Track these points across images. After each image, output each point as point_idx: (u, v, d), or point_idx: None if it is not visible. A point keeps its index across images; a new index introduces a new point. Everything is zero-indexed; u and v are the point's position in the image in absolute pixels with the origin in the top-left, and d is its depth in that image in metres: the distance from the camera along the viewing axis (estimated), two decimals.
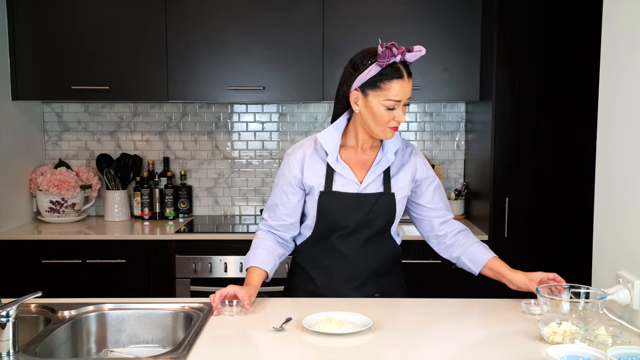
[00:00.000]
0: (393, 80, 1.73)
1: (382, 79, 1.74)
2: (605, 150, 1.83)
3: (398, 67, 1.74)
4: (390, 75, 1.73)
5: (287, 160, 1.93)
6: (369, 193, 1.87)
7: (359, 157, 1.90)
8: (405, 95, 1.77)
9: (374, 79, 1.75)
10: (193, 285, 3.04)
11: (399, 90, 1.74)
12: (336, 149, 1.87)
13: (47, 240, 3.05)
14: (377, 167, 1.88)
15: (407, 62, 1.78)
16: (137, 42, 3.20)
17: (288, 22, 3.18)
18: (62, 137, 3.63)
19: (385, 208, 1.87)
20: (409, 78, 1.76)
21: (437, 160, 3.63)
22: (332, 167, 1.87)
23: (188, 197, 3.57)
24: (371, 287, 1.93)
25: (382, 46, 1.71)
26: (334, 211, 1.86)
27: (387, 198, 1.87)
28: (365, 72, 1.75)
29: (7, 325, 1.42)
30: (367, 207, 1.86)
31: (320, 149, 1.89)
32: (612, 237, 1.77)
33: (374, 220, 1.87)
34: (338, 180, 1.87)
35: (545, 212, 3.01)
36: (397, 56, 1.73)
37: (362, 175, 1.89)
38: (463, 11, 3.17)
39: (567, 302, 1.59)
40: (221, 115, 3.63)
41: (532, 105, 2.98)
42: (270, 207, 1.96)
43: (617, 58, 1.76)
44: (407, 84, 1.76)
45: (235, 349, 1.51)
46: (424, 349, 1.51)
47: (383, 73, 1.74)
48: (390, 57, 1.72)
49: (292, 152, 1.94)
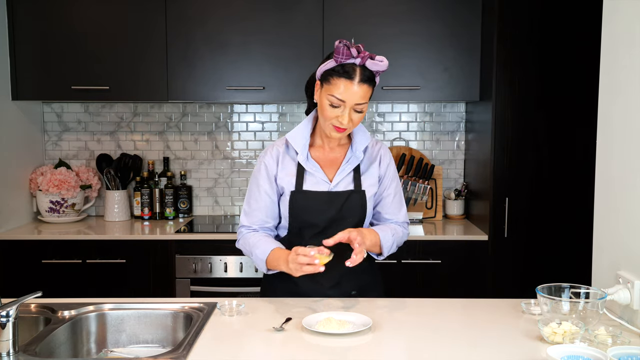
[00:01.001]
0: (341, 79, 1.73)
1: (332, 74, 1.75)
2: (605, 150, 1.83)
3: (353, 69, 1.73)
4: (340, 73, 1.73)
5: (262, 161, 1.92)
6: (340, 191, 1.88)
7: (327, 156, 1.92)
8: (352, 99, 1.74)
9: (327, 73, 1.76)
10: (193, 285, 3.03)
11: (344, 90, 1.73)
12: (305, 147, 1.88)
13: (47, 240, 3.05)
14: (346, 166, 1.90)
15: (369, 69, 1.75)
16: (137, 42, 3.20)
17: (288, 22, 3.18)
18: (62, 137, 3.63)
19: (356, 206, 1.89)
20: (362, 83, 1.73)
21: (437, 160, 3.63)
22: (302, 165, 1.88)
23: (188, 197, 3.57)
24: (348, 285, 1.94)
25: (340, 42, 1.72)
26: (305, 210, 1.87)
27: (357, 195, 1.89)
28: (325, 64, 1.77)
29: (7, 325, 1.43)
30: (338, 205, 1.87)
31: (291, 148, 1.91)
32: (612, 237, 1.77)
33: (345, 218, 1.88)
34: (308, 179, 1.89)
35: (545, 212, 3.01)
36: (357, 59, 1.73)
37: (332, 174, 1.90)
38: (463, 11, 3.17)
39: (567, 302, 1.58)
40: (221, 115, 3.63)
41: (532, 105, 2.98)
42: (250, 213, 1.93)
43: (617, 58, 1.76)
44: (358, 88, 1.73)
45: (235, 349, 1.51)
46: (424, 349, 1.51)
47: (336, 69, 1.74)
48: (347, 55, 1.72)
49: (265, 154, 1.94)
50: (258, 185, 1.92)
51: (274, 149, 1.93)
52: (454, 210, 3.51)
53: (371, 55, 1.73)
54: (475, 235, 3.07)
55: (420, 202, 3.46)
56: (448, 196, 3.54)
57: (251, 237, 1.91)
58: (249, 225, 1.94)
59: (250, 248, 1.90)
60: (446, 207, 3.55)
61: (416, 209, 3.47)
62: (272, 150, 1.93)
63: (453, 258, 3.03)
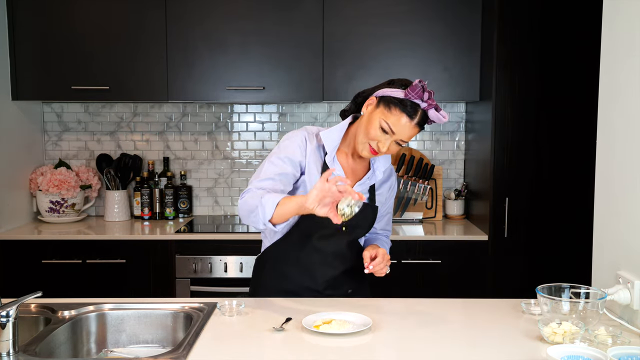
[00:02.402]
0: (403, 114, 1.75)
1: (397, 104, 1.75)
2: (605, 150, 1.83)
3: (416, 109, 1.75)
4: (404, 108, 1.75)
5: (293, 140, 1.85)
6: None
7: (349, 164, 1.93)
8: (402, 134, 1.77)
9: (392, 99, 1.77)
10: (193, 285, 3.03)
11: (401, 123, 1.75)
12: (335, 149, 1.88)
13: (47, 240, 3.05)
14: (366, 180, 1.93)
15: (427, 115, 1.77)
16: (137, 42, 3.20)
17: (288, 22, 3.18)
18: (62, 137, 3.63)
19: (368, 218, 1.93)
20: (416, 126, 1.76)
21: (437, 160, 3.63)
22: (328, 166, 1.88)
23: (188, 197, 3.57)
24: (344, 285, 1.98)
25: (420, 81, 1.74)
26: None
27: (371, 210, 1.93)
28: (392, 90, 1.78)
29: (7, 325, 1.43)
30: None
31: (320, 146, 1.90)
32: (612, 237, 1.78)
33: (357, 227, 1.91)
34: None
35: (545, 212, 3.01)
36: (424, 103, 1.75)
37: (351, 183, 1.90)
38: (463, 11, 3.17)
39: (567, 302, 1.59)
40: (221, 115, 3.63)
41: (532, 105, 2.98)
42: (264, 180, 1.79)
43: (617, 58, 1.76)
44: (411, 127, 1.76)
45: (235, 349, 1.51)
46: (424, 349, 1.51)
47: (402, 102, 1.75)
48: (418, 95, 1.74)
49: (296, 135, 1.86)
50: (280, 158, 1.82)
51: (303, 137, 1.86)
52: (454, 210, 3.51)
53: (436, 107, 1.76)
54: (475, 235, 3.07)
55: (420, 202, 3.46)
56: (448, 196, 3.54)
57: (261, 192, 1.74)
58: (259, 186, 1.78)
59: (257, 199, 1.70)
60: (446, 207, 3.55)
61: (416, 209, 3.47)
62: (302, 137, 1.86)
63: (453, 258, 3.03)
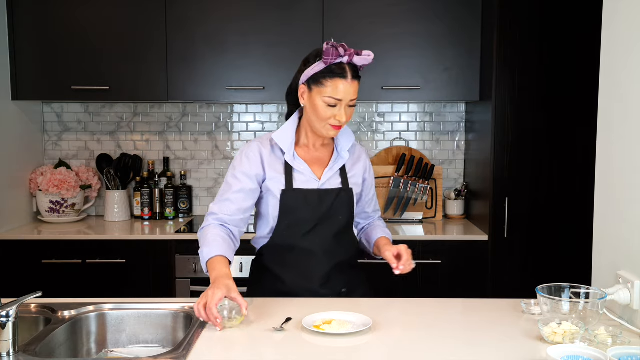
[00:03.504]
0: (335, 79, 1.77)
1: (324, 76, 1.78)
2: (606, 150, 1.83)
3: (343, 67, 1.78)
4: (333, 74, 1.77)
5: (245, 154, 1.89)
6: (329, 189, 1.91)
7: (312, 155, 1.93)
8: (347, 96, 1.78)
9: (318, 75, 1.79)
10: (193, 285, 3.03)
11: (340, 89, 1.77)
12: (292, 146, 1.89)
13: (47, 240, 3.05)
14: (334, 165, 1.93)
15: (356, 65, 1.80)
16: (137, 42, 3.20)
17: (288, 22, 3.18)
18: (62, 137, 3.63)
19: (345, 203, 1.92)
20: (354, 80, 1.79)
21: (437, 161, 3.63)
22: (290, 164, 1.89)
23: (188, 197, 3.57)
24: (338, 283, 1.94)
25: (327, 44, 1.76)
26: (297, 208, 1.88)
27: (346, 193, 1.92)
28: (312, 68, 1.81)
29: (7, 325, 1.42)
30: (329, 202, 1.89)
31: (276, 147, 1.92)
32: (612, 237, 1.77)
33: (336, 215, 1.91)
34: (297, 177, 1.89)
35: (546, 212, 3.01)
36: (344, 57, 1.77)
37: (319, 172, 1.92)
38: (463, 11, 3.17)
39: (567, 302, 1.58)
40: (221, 115, 3.63)
41: (532, 105, 2.98)
42: (223, 202, 1.88)
43: (617, 58, 1.76)
44: (350, 85, 1.78)
45: (235, 349, 1.51)
46: (424, 349, 1.51)
47: (326, 70, 1.78)
48: (335, 55, 1.76)
49: (248, 148, 1.91)
50: (235, 177, 1.89)
51: (257, 146, 1.90)
52: (454, 211, 3.51)
53: (357, 52, 1.78)
54: (475, 235, 3.07)
55: (420, 202, 3.46)
56: (448, 196, 3.54)
57: (211, 230, 1.83)
58: (216, 213, 1.88)
59: (202, 241, 1.83)
60: (446, 207, 3.55)
61: (416, 209, 3.47)
62: (255, 148, 1.90)
63: (453, 258, 3.03)
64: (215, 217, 1.88)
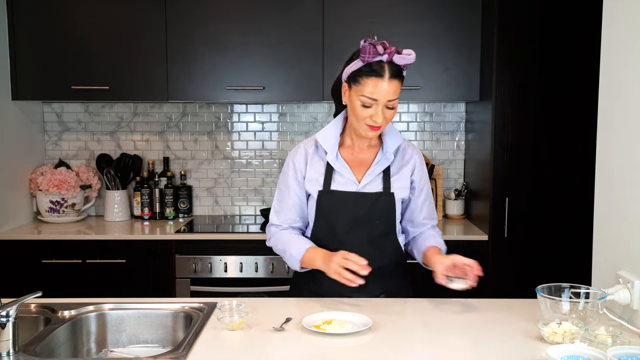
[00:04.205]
0: (371, 78, 1.71)
1: (361, 74, 1.73)
2: (606, 150, 1.83)
3: (381, 66, 1.72)
4: (369, 72, 1.72)
5: (292, 159, 1.92)
6: (368, 192, 1.86)
7: (357, 157, 1.90)
8: (384, 96, 1.73)
9: (355, 73, 1.75)
10: (193, 285, 3.03)
11: (375, 88, 1.72)
12: (335, 147, 1.87)
13: (47, 240, 3.05)
14: (376, 167, 1.88)
15: (396, 64, 1.74)
16: (137, 42, 3.20)
17: (288, 22, 3.18)
18: (62, 137, 3.63)
19: (384, 208, 1.86)
20: (392, 79, 1.72)
21: (437, 160, 3.63)
22: (331, 165, 1.86)
23: (188, 197, 3.57)
24: (376, 287, 1.90)
25: (365, 41, 1.70)
26: (333, 210, 1.86)
27: (386, 197, 1.86)
28: (351, 65, 1.76)
29: (7, 325, 1.42)
30: (366, 206, 1.85)
31: (320, 148, 1.89)
32: (612, 237, 1.77)
33: (373, 219, 1.86)
34: (337, 179, 1.87)
35: (545, 212, 3.01)
36: (384, 55, 1.71)
37: (360, 175, 1.88)
38: (463, 11, 3.17)
39: (567, 302, 1.58)
40: (221, 115, 3.63)
41: (532, 105, 2.98)
42: (280, 211, 1.94)
43: (617, 58, 1.76)
44: (388, 85, 1.72)
45: (235, 348, 1.51)
46: (424, 349, 1.51)
47: (364, 69, 1.73)
48: (373, 54, 1.70)
49: (294, 152, 1.93)
50: (287, 184, 1.92)
51: (303, 148, 1.92)
52: (454, 210, 3.51)
53: (397, 50, 1.71)
54: (475, 235, 3.07)
55: None
56: (448, 196, 3.54)
57: (283, 234, 1.91)
58: (278, 224, 1.94)
59: (283, 246, 1.89)
60: (446, 207, 3.55)
61: None
62: (301, 149, 1.92)
63: None
64: (277, 227, 1.95)
